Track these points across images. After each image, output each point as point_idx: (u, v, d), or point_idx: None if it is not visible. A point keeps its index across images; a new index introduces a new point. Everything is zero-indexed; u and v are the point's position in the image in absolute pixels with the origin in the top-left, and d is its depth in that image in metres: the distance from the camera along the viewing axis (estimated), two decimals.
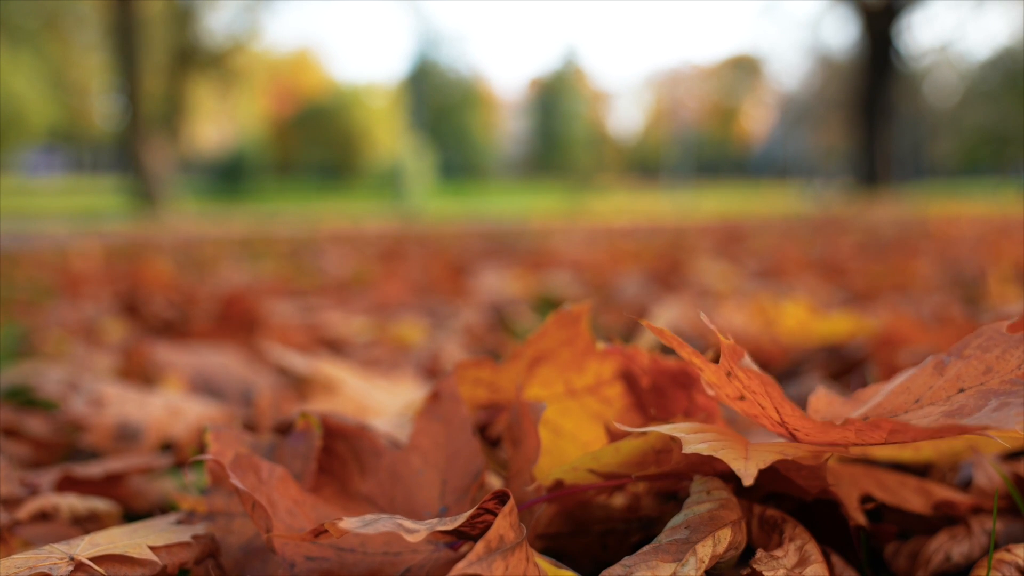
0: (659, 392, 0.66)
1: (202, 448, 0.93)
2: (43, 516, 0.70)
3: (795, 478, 0.54)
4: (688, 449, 0.48)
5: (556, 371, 0.67)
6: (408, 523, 0.46)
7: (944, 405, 0.51)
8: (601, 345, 0.65)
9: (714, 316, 1.54)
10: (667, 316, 1.63)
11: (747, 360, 0.49)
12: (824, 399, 0.61)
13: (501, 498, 0.47)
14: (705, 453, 0.48)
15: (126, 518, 0.76)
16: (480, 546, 0.43)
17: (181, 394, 1.13)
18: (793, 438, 0.52)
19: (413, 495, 0.61)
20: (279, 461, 0.63)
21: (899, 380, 0.57)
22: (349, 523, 0.45)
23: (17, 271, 3.60)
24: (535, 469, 0.58)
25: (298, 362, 1.15)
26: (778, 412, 0.50)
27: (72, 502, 0.71)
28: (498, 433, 0.74)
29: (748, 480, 0.45)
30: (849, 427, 0.46)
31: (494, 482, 0.70)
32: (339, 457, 0.63)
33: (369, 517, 0.47)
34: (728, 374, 0.51)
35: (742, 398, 0.52)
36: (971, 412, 0.49)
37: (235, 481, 0.53)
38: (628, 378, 0.67)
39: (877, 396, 0.57)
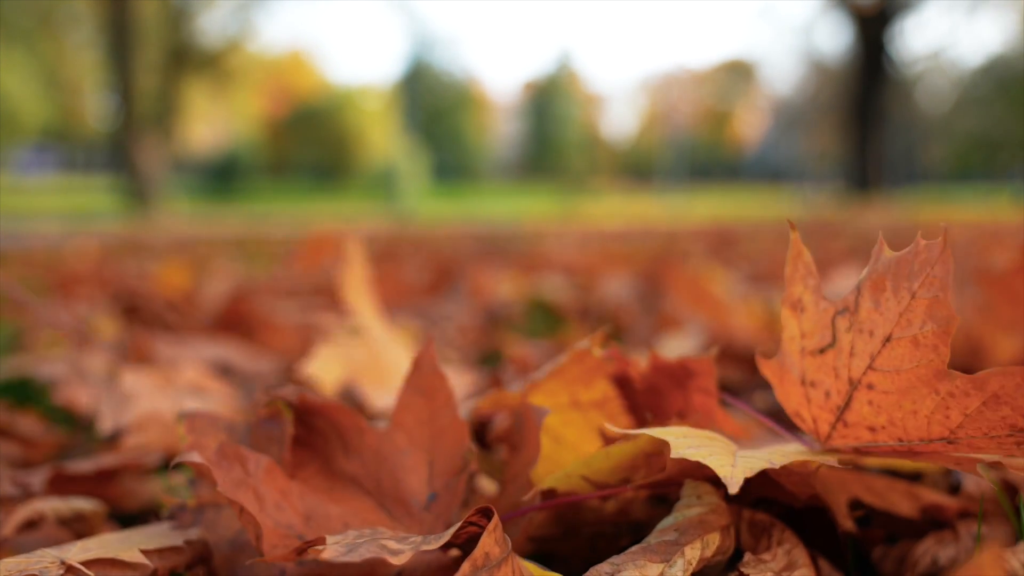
0: (655, 393, 0.66)
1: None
2: (33, 516, 0.70)
3: (785, 483, 0.55)
4: (676, 454, 0.49)
5: (562, 384, 0.66)
6: (392, 543, 0.46)
7: None
8: (599, 352, 0.65)
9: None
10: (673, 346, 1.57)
11: None
12: None
13: (485, 513, 0.47)
14: (692, 459, 0.48)
15: (117, 518, 0.76)
16: (466, 566, 0.44)
17: (198, 379, 1.11)
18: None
19: (399, 478, 0.59)
20: (258, 443, 0.61)
21: None
22: (333, 550, 0.45)
23: (9, 270, 3.59)
24: (531, 473, 0.58)
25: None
26: None
27: (60, 503, 0.71)
28: (494, 437, 0.74)
29: (734, 488, 0.46)
30: None
31: (487, 486, 0.70)
32: (321, 434, 0.61)
33: (352, 536, 0.47)
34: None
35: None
36: None
37: (223, 490, 0.52)
38: (622, 381, 0.67)
39: None
